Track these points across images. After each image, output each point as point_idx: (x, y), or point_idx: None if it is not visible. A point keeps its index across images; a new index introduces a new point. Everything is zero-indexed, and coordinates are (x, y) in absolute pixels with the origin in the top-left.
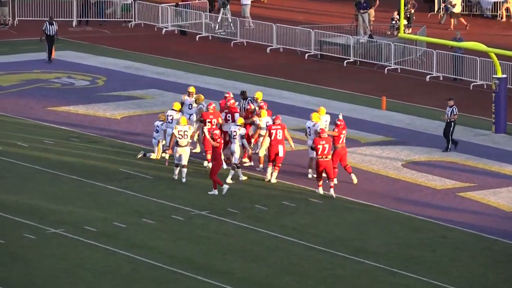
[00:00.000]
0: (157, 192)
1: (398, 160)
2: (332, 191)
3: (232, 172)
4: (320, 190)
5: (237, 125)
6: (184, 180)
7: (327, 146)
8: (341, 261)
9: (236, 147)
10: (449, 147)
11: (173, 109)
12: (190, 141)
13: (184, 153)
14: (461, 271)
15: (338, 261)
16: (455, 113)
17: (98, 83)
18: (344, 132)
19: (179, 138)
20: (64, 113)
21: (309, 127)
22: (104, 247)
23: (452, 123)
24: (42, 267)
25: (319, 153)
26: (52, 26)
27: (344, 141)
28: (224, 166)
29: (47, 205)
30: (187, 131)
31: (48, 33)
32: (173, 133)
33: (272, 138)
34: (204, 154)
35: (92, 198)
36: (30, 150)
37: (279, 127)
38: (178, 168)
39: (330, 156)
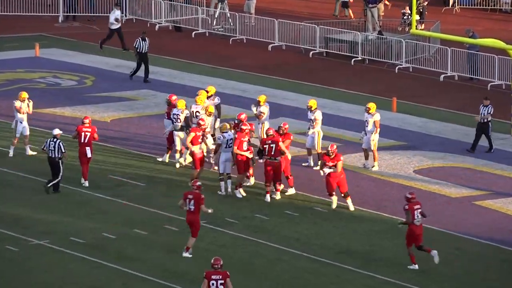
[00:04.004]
0: (150, 201)
1: (410, 166)
2: (278, 194)
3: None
4: (267, 197)
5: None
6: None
7: (273, 146)
8: (349, 275)
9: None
10: (492, 147)
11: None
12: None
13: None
14: (477, 285)
15: (345, 274)
16: (491, 112)
17: (86, 83)
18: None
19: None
20: (49, 116)
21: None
22: (93, 260)
23: (489, 123)
24: (25, 281)
25: (266, 153)
26: (145, 42)
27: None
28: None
29: (31, 214)
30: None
31: (141, 51)
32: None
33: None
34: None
35: (80, 207)
36: (13, 156)
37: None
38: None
39: (279, 158)
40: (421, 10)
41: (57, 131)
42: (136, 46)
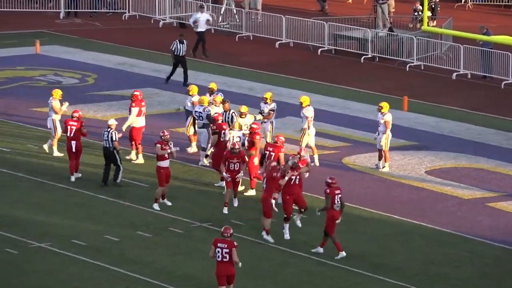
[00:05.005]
0: (153, 202)
1: (421, 166)
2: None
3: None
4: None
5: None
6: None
7: (273, 154)
8: (358, 279)
9: None
10: None
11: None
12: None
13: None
14: None
15: (354, 278)
16: None
17: (88, 81)
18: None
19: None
20: None
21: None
22: (95, 263)
23: None
24: (26, 285)
25: (266, 159)
26: (183, 45)
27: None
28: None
29: (31, 216)
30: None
31: (178, 53)
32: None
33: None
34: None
35: (81, 209)
36: (13, 155)
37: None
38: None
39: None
40: (433, 6)
41: (111, 121)
42: (173, 49)
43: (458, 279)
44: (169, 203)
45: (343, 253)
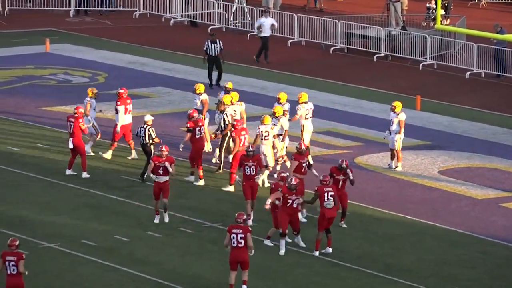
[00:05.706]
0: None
1: (434, 166)
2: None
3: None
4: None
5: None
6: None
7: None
8: (370, 279)
9: (266, 148)
10: None
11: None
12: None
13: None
14: None
15: (366, 279)
16: None
17: (99, 80)
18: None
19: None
20: (60, 114)
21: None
22: (104, 263)
23: None
24: (36, 286)
25: (240, 144)
26: (215, 44)
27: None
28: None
29: (40, 216)
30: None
31: (210, 53)
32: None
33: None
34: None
35: (91, 209)
36: (22, 155)
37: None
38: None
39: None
40: (446, 4)
41: (147, 117)
42: (205, 49)
43: (470, 280)
44: (167, 220)
45: (317, 253)
